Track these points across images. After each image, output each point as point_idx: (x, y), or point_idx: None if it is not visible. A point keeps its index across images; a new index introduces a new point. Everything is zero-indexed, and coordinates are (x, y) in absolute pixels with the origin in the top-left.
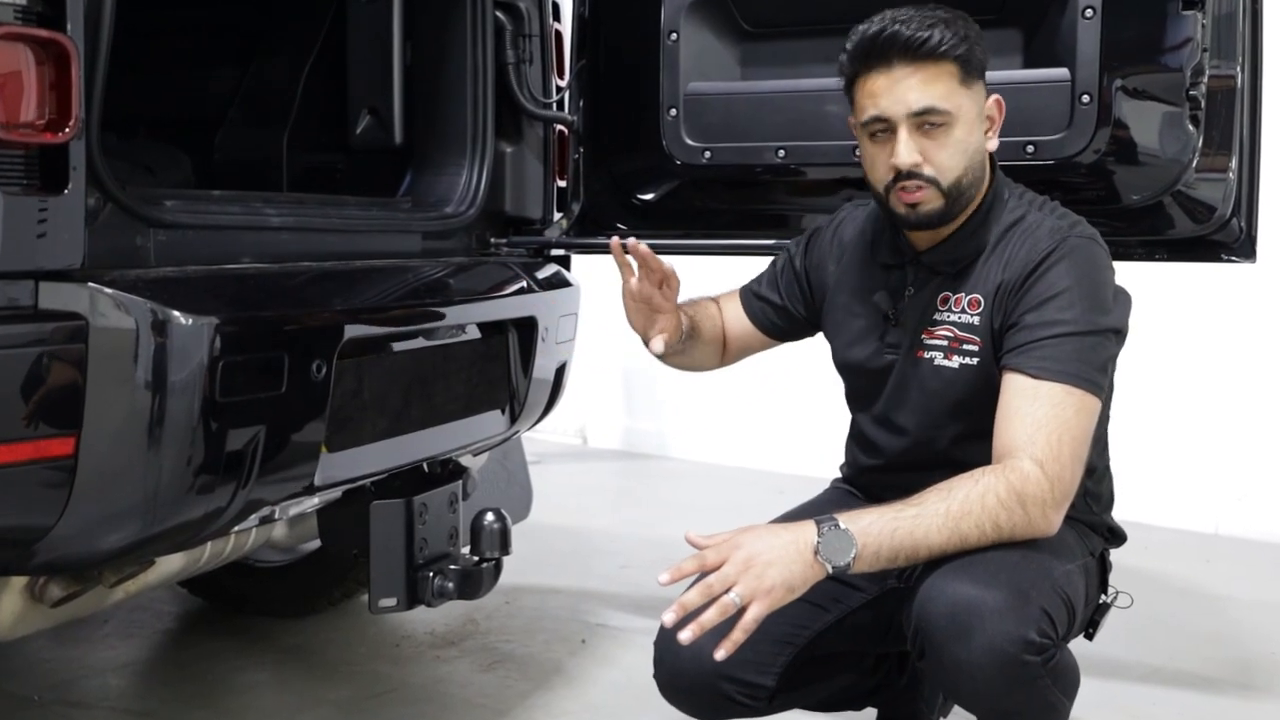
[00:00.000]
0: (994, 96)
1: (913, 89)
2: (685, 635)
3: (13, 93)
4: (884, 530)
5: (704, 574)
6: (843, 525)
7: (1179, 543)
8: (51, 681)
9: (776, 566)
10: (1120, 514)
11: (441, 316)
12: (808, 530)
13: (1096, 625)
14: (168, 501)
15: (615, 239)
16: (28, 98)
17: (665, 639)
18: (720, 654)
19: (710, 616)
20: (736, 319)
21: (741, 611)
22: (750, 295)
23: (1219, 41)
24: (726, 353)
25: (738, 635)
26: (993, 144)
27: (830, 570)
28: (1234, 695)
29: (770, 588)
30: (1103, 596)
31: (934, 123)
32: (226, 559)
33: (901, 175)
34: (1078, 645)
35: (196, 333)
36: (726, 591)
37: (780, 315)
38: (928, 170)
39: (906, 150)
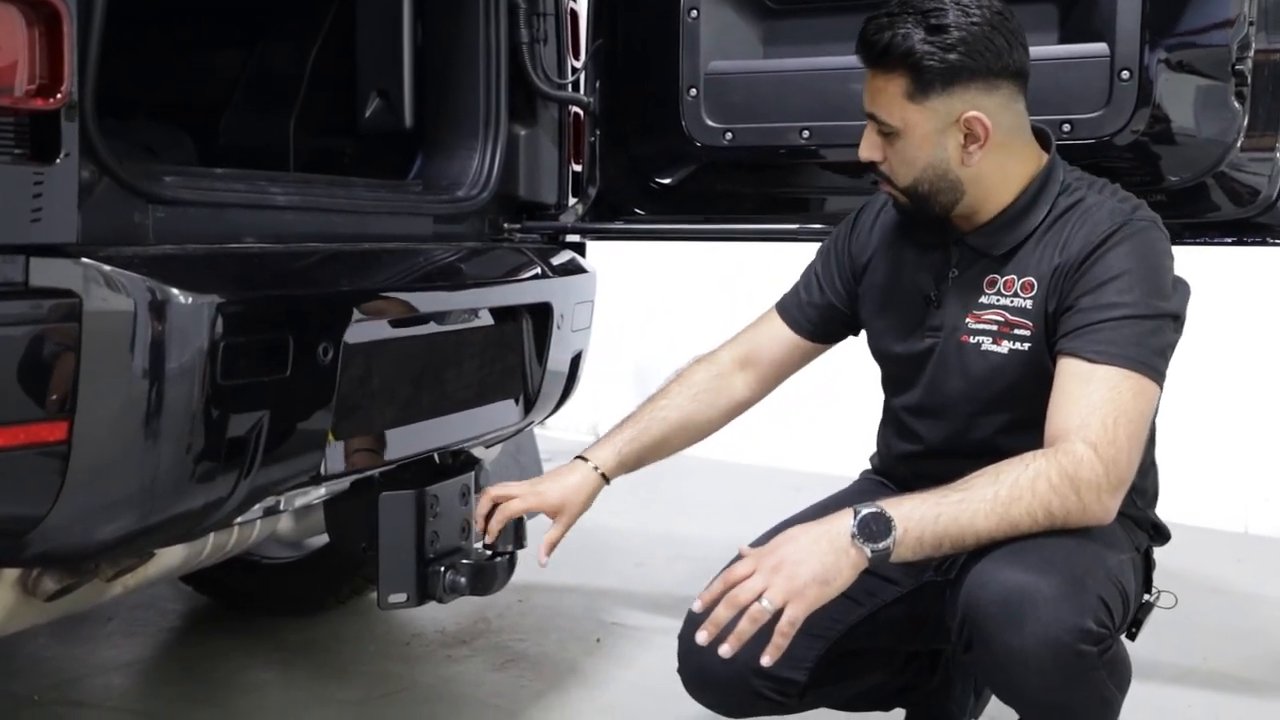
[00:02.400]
0: (974, 114)
1: (868, 92)
2: (725, 650)
3: (2, 57)
4: (927, 515)
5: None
6: (882, 510)
7: (1209, 542)
8: (53, 680)
9: (808, 563)
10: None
11: (453, 301)
12: (843, 519)
13: (1139, 624)
14: (166, 490)
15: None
16: (16, 61)
17: (691, 634)
18: (766, 660)
19: (744, 628)
20: (772, 340)
21: (779, 617)
22: (790, 305)
23: (1266, 14)
24: (762, 384)
25: (779, 640)
26: (974, 159)
27: (869, 556)
28: (1270, 695)
29: (803, 586)
30: (1146, 595)
31: (885, 130)
32: (230, 553)
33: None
34: None
35: (196, 312)
36: (758, 600)
37: (825, 314)
38: (884, 169)
39: (866, 144)
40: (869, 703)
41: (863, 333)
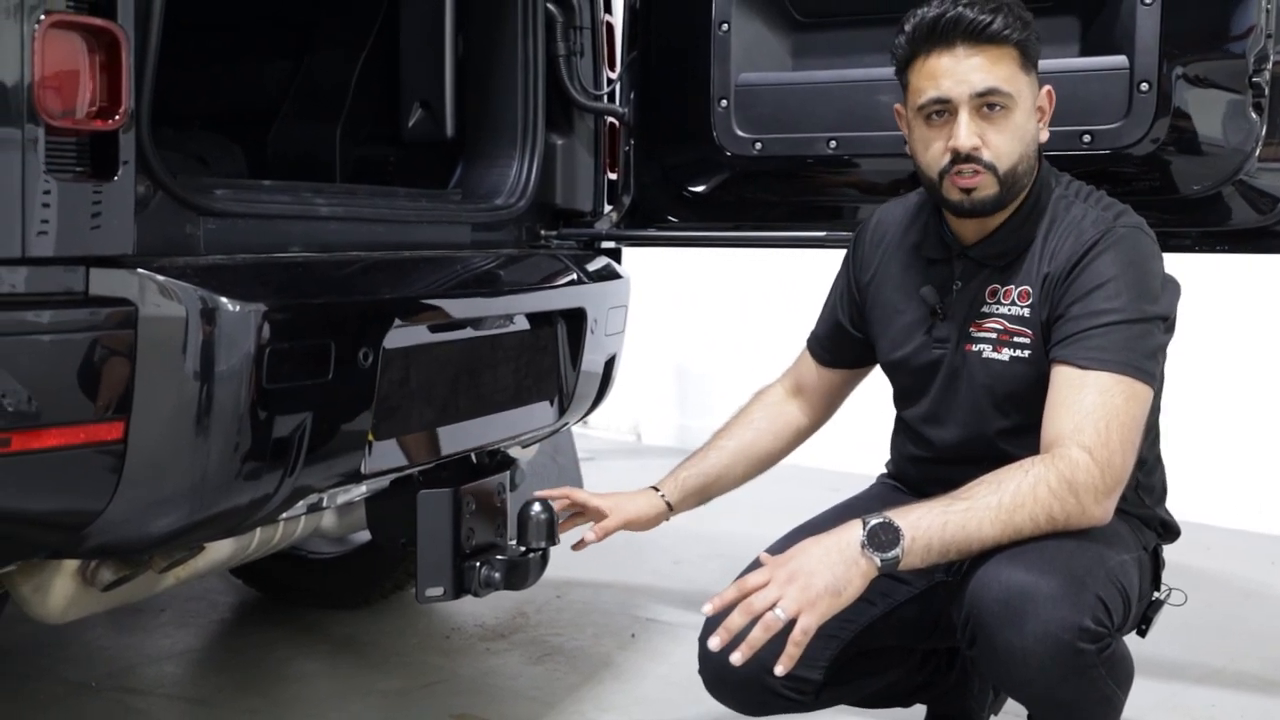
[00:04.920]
0: (1045, 88)
1: (976, 70)
2: (736, 657)
3: (64, 80)
4: (934, 525)
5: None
6: (890, 520)
7: (1243, 544)
8: (109, 669)
9: (820, 574)
10: (1182, 514)
11: (489, 307)
12: (853, 530)
13: (1149, 622)
14: (215, 487)
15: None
16: (79, 85)
17: (710, 633)
18: (780, 670)
19: (756, 636)
20: (810, 372)
21: (793, 625)
22: (813, 340)
23: None
24: (816, 411)
25: (792, 650)
26: (1044, 135)
27: (879, 565)
28: None
29: (816, 597)
30: (1155, 593)
31: (995, 104)
32: (276, 547)
33: (959, 159)
34: (1132, 644)
35: (244, 319)
36: (772, 609)
37: (839, 343)
38: (986, 155)
39: (967, 132)
40: (888, 699)
41: None
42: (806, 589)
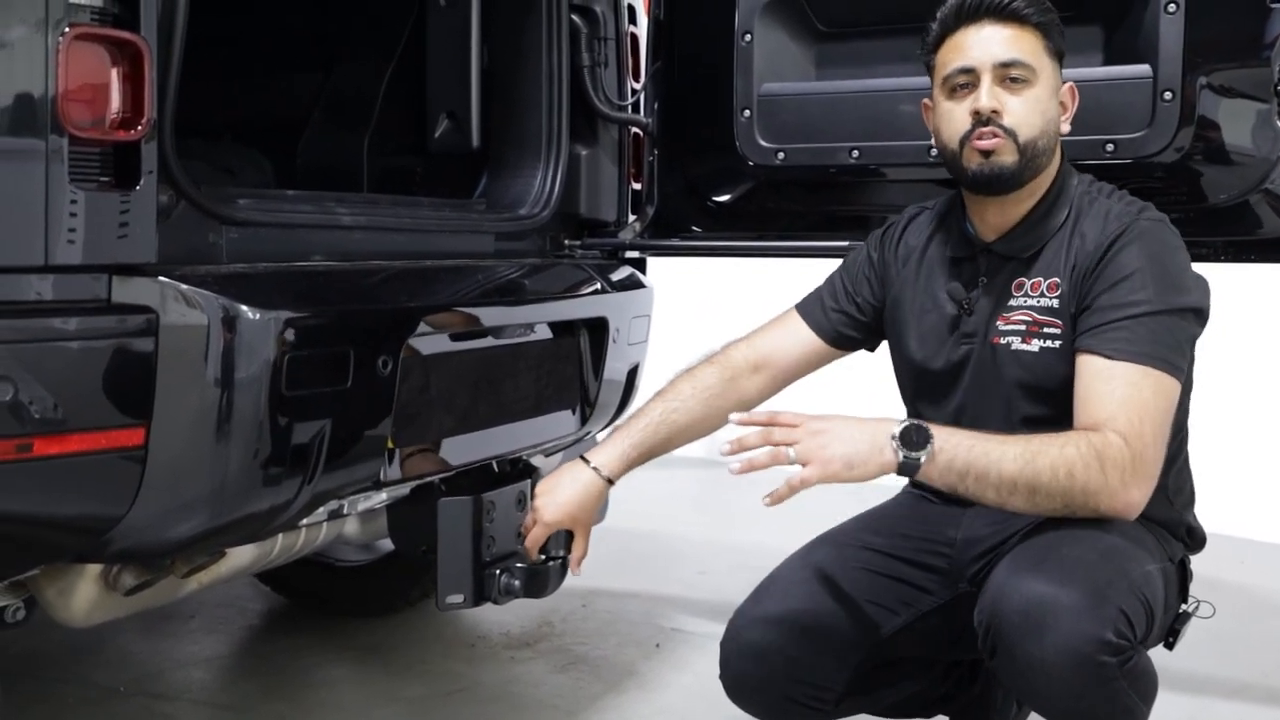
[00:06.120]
0: (1068, 84)
1: (1000, 42)
2: (734, 468)
3: (88, 92)
4: (962, 444)
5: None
6: (925, 426)
7: (1278, 558)
8: (137, 673)
9: (844, 442)
10: (1218, 526)
11: (511, 315)
12: (888, 421)
13: (1177, 635)
14: (235, 492)
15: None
16: (102, 97)
17: (731, 641)
18: (766, 501)
19: (760, 457)
20: (792, 341)
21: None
22: (814, 308)
23: None
24: (773, 386)
25: (783, 490)
26: (1065, 127)
27: (900, 461)
28: None
29: (830, 457)
30: (1183, 605)
31: (1017, 77)
32: (298, 553)
33: (980, 122)
34: (1163, 657)
35: (264, 328)
36: (787, 448)
37: (847, 321)
38: (1006, 120)
39: (988, 95)
40: (909, 710)
41: (881, 349)
42: (825, 447)
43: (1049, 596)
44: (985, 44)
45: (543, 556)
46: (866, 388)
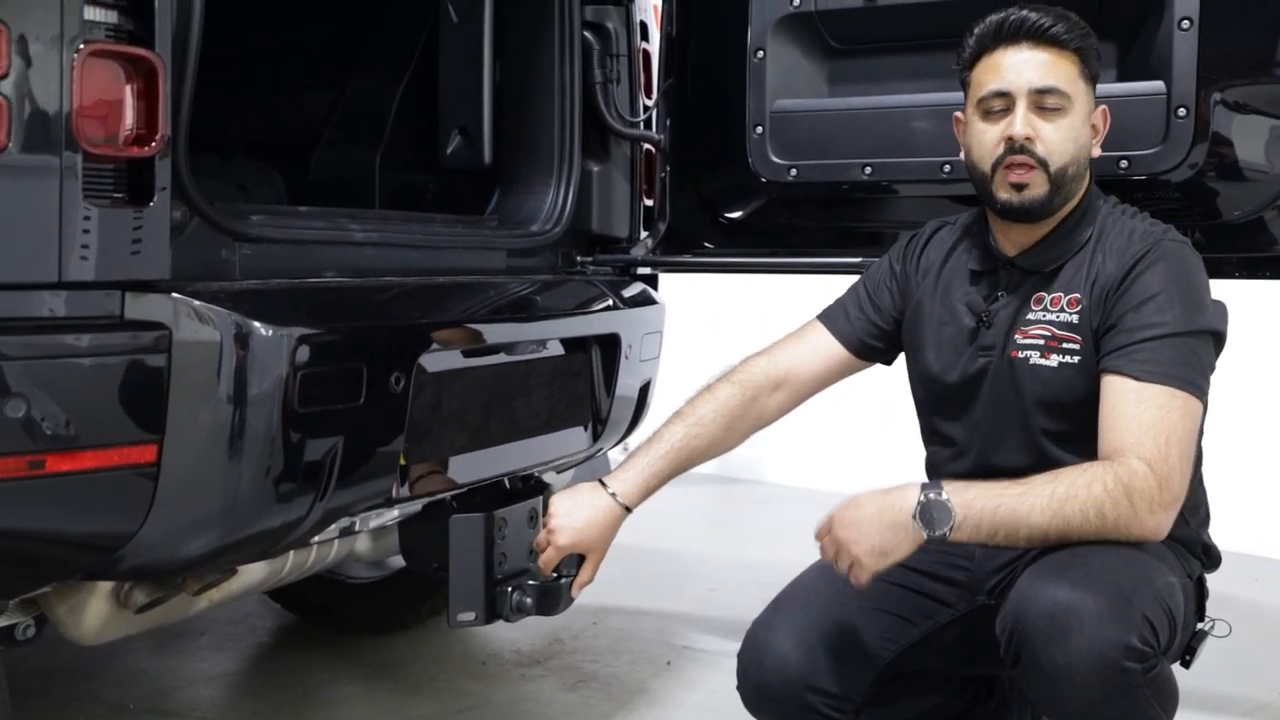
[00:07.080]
0: (1101, 107)
1: (1037, 67)
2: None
3: (103, 108)
4: (987, 505)
5: None
6: (945, 495)
7: None
8: (147, 691)
9: (869, 538)
10: (1232, 544)
11: (523, 332)
12: (908, 495)
13: (1193, 653)
14: (247, 510)
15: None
16: (117, 113)
17: (750, 651)
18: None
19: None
20: (816, 353)
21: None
22: (838, 318)
23: None
24: (793, 403)
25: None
26: (1096, 151)
27: (925, 537)
28: None
29: (865, 553)
30: (1199, 623)
31: (1051, 106)
32: (310, 570)
33: (1013, 149)
34: (1177, 675)
35: (277, 344)
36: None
37: (871, 332)
38: (1039, 149)
39: (1023, 121)
40: None
41: (899, 361)
42: (856, 543)
43: (1074, 601)
44: (1022, 68)
45: (555, 574)
46: (881, 404)
